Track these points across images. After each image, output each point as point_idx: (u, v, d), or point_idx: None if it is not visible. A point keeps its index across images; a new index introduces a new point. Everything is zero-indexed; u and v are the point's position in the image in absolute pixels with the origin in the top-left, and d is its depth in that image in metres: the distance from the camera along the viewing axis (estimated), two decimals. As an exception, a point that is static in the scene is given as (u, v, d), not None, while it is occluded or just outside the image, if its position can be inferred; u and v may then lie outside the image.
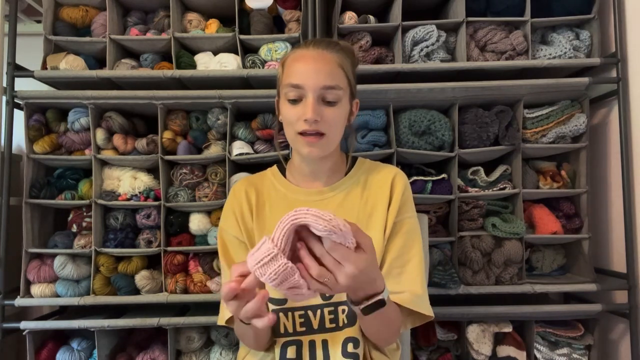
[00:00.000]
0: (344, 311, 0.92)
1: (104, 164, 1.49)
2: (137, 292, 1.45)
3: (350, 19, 1.48)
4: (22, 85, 1.45)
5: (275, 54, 1.46)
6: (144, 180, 1.47)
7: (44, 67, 1.46)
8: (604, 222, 1.57)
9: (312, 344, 0.92)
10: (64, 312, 1.65)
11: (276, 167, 1.08)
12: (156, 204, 1.44)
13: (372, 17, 1.49)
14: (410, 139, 1.43)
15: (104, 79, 1.45)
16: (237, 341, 1.45)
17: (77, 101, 1.43)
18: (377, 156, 1.44)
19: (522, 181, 1.47)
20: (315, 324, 0.93)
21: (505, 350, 1.43)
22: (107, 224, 1.48)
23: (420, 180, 1.44)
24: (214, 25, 1.51)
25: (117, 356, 1.47)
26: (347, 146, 1.04)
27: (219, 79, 1.46)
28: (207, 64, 1.49)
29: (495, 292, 1.44)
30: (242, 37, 1.46)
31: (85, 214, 1.48)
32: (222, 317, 0.97)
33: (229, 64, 1.46)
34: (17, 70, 1.45)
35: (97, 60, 1.55)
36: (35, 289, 1.43)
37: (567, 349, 1.43)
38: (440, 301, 1.32)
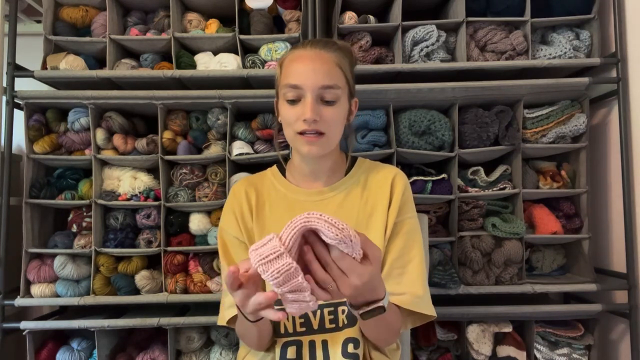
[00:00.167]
0: (343, 312, 0.92)
1: (104, 164, 1.49)
2: (137, 292, 1.45)
3: (350, 19, 1.48)
4: (22, 85, 1.45)
5: (275, 54, 1.46)
6: (144, 180, 1.47)
7: (44, 67, 1.46)
8: (604, 222, 1.57)
9: (312, 344, 0.92)
10: (64, 312, 1.65)
11: (276, 167, 1.08)
12: (156, 204, 1.44)
13: (372, 17, 1.48)
14: (410, 139, 1.43)
15: (104, 79, 1.45)
16: (237, 341, 1.45)
17: (77, 101, 1.43)
18: (377, 156, 1.44)
19: (522, 181, 1.47)
20: (315, 325, 0.93)
21: (505, 350, 1.43)
22: (107, 224, 1.48)
23: (420, 180, 1.44)
24: (214, 25, 1.51)
25: (117, 356, 1.48)
26: (346, 146, 1.03)
27: (219, 79, 1.46)
28: (207, 64, 1.49)
29: (495, 292, 1.44)
30: (242, 37, 1.46)
31: (85, 214, 1.48)
32: (222, 317, 0.97)
33: (229, 64, 1.46)
34: (17, 70, 1.45)
35: (97, 60, 1.55)
36: (35, 289, 1.43)
37: (567, 349, 1.43)
38: (440, 301, 1.31)
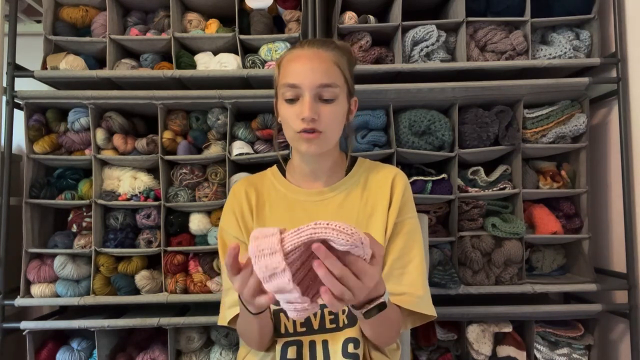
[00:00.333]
0: (344, 312, 0.92)
1: (104, 164, 1.49)
2: (137, 292, 1.45)
3: (350, 19, 1.48)
4: (22, 85, 1.45)
5: (275, 54, 1.46)
6: (144, 180, 1.47)
7: (44, 67, 1.46)
8: (604, 222, 1.57)
9: (312, 344, 0.92)
10: (64, 312, 1.65)
11: (276, 167, 1.07)
12: (156, 204, 1.44)
13: (372, 17, 1.48)
14: (410, 139, 1.43)
15: (104, 79, 1.45)
16: (237, 341, 1.45)
17: (77, 101, 1.43)
18: (377, 156, 1.44)
19: (522, 181, 1.47)
20: (315, 324, 0.93)
21: (505, 350, 1.43)
22: (107, 224, 1.48)
23: (420, 180, 1.44)
24: (214, 25, 1.51)
25: (117, 356, 1.47)
26: (346, 146, 1.04)
27: (219, 79, 1.46)
28: (207, 64, 1.49)
29: (495, 292, 1.44)
30: (242, 37, 1.46)
31: (85, 214, 1.48)
32: (223, 317, 0.97)
33: (229, 64, 1.46)
34: (17, 70, 1.45)
35: (97, 60, 1.55)
36: (35, 289, 1.43)
37: (567, 349, 1.43)
38: (440, 301, 1.31)
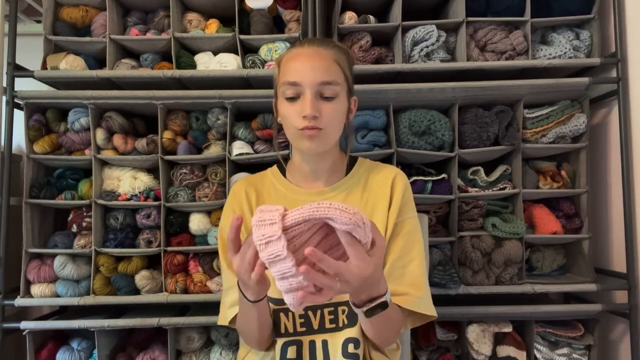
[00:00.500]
0: (344, 311, 0.92)
1: (104, 164, 1.49)
2: (137, 292, 1.45)
3: (350, 19, 1.47)
4: (22, 85, 1.45)
5: (275, 54, 1.46)
6: (144, 180, 1.47)
7: (44, 67, 1.46)
8: (604, 222, 1.57)
9: (312, 344, 0.92)
10: (64, 312, 1.65)
11: (276, 167, 1.07)
12: (156, 204, 1.44)
13: (372, 17, 1.48)
14: (410, 139, 1.43)
15: (104, 79, 1.45)
16: (237, 341, 1.45)
17: (77, 101, 1.43)
18: (377, 156, 1.44)
19: (522, 181, 1.47)
20: (315, 324, 0.93)
21: (505, 350, 1.43)
22: (107, 224, 1.48)
23: (420, 180, 1.44)
24: (214, 25, 1.51)
25: (117, 356, 1.47)
26: (346, 146, 1.04)
27: (219, 79, 1.46)
28: (207, 64, 1.49)
29: (495, 292, 1.44)
30: (242, 37, 1.46)
31: (85, 214, 1.48)
32: (224, 317, 0.97)
33: (229, 64, 1.46)
34: (17, 70, 1.45)
35: (97, 60, 1.55)
36: (35, 289, 1.43)
37: (567, 349, 1.43)
38: (440, 301, 1.31)
